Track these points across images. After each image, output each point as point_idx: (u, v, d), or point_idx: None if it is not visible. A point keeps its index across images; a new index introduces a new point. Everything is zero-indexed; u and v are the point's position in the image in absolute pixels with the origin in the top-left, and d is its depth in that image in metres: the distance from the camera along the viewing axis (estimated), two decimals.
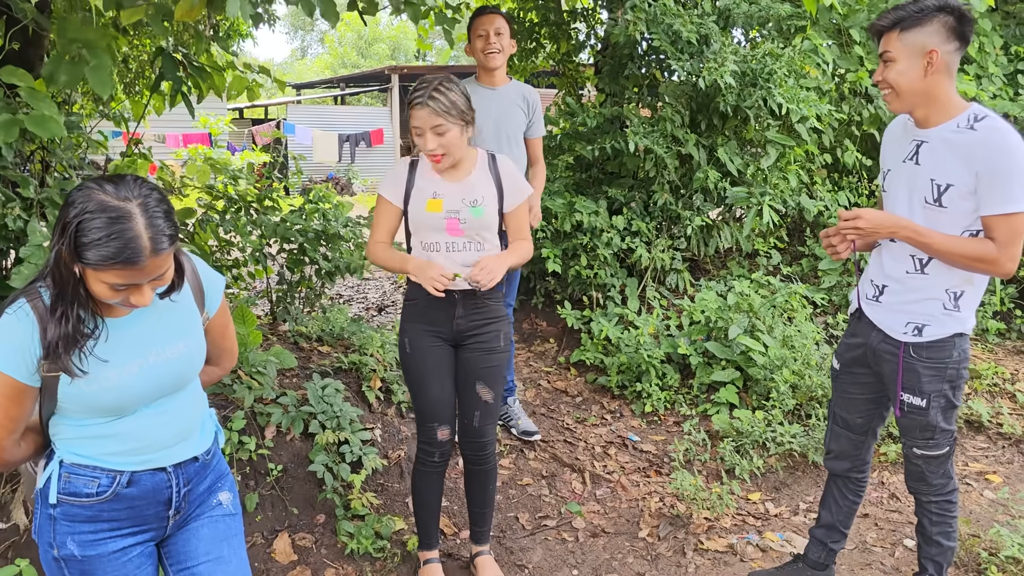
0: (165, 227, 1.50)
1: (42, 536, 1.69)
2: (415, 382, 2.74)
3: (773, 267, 5.74)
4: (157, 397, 1.70)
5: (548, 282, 5.43)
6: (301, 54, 51.38)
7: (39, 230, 2.92)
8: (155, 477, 1.72)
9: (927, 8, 2.25)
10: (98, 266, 1.46)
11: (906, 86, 2.31)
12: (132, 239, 1.45)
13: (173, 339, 1.70)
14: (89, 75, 2.66)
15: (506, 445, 3.95)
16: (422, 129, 2.51)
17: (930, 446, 2.49)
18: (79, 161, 4.05)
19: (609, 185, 5.44)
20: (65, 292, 1.53)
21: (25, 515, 2.86)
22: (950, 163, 2.28)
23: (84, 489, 1.66)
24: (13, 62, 3.01)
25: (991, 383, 4.67)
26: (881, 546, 3.31)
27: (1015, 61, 6.17)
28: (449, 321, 2.71)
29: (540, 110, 3.95)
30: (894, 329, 2.47)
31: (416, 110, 2.50)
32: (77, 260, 1.47)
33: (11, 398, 1.57)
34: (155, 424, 1.70)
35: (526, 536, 3.37)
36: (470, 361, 2.75)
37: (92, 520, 1.67)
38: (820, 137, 5.49)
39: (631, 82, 5.66)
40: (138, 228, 1.46)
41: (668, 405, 4.46)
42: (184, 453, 1.77)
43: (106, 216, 1.44)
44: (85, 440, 1.66)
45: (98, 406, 1.62)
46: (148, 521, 1.73)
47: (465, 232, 2.64)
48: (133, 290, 1.52)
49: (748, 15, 5.22)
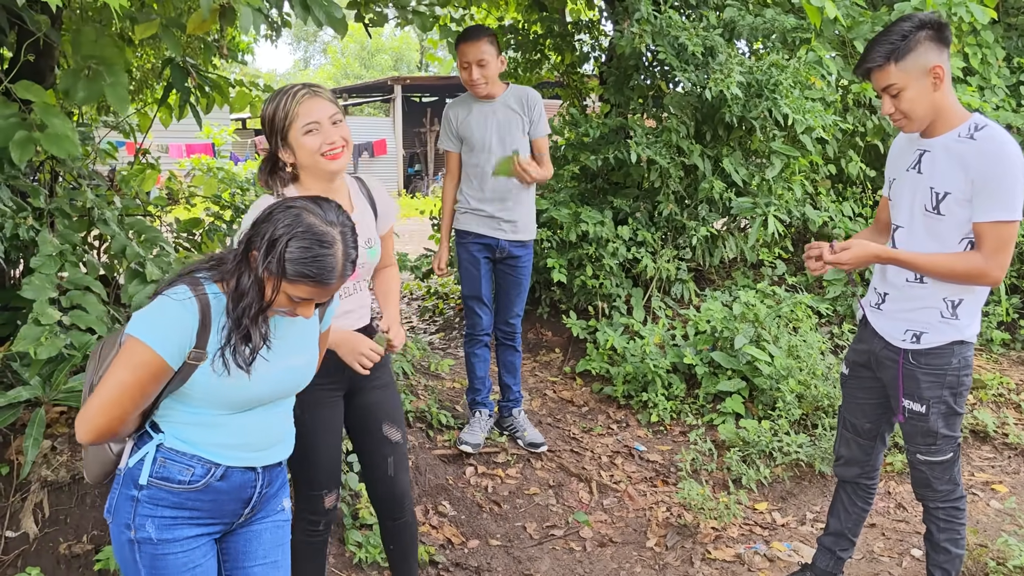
0: (355, 256, 1.68)
1: (119, 516, 1.73)
2: (306, 448, 2.29)
3: (778, 277, 5.75)
4: (272, 400, 1.80)
5: (553, 292, 5.45)
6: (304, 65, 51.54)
7: (50, 240, 2.94)
8: (245, 475, 1.79)
9: (908, 31, 2.29)
10: (295, 281, 1.61)
11: (922, 108, 2.34)
12: (332, 266, 1.62)
13: (299, 351, 1.83)
14: (108, 92, 2.69)
15: (513, 455, 3.96)
16: (318, 123, 2.18)
17: (932, 452, 2.51)
18: (87, 171, 4.08)
19: (614, 195, 5.46)
20: (251, 300, 1.64)
21: (35, 524, 2.87)
22: (949, 171, 2.32)
23: (178, 476, 1.72)
24: (25, 73, 3.04)
25: (996, 393, 4.67)
26: (889, 556, 3.31)
27: (1017, 72, 6.19)
28: (341, 371, 2.35)
29: (540, 108, 3.85)
30: (894, 336, 2.51)
31: (307, 102, 2.18)
32: (278, 274, 1.60)
33: (154, 376, 1.63)
34: (262, 425, 1.80)
35: (534, 545, 3.37)
36: (372, 404, 2.47)
37: (176, 507, 1.73)
38: (824, 148, 5.51)
39: (636, 93, 5.68)
40: (338, 255, 1.63)
41: (674, 415, 4.46)
42: (275, 456, 1.86)
43: (316, 240, 1.60)
44: (195, 427, 1.73)
45: (222, 399, 1.71)
46: (224, 515, 1.80)
47: (359, 274, 2.38)
48: (305, 304, 1.67)
49: (753, 27, 5.24)
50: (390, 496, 2.54)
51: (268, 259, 1.60)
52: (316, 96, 2.19)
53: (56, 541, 2.86)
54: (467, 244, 3.88)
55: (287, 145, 2.21)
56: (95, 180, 4.01)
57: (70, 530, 2.90)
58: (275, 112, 2.19)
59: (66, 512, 2.94)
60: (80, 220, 3.32)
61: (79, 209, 3.33)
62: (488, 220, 3.81)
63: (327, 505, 2.44)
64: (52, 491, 2.97)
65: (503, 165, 3.69)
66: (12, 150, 2.60)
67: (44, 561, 2.80)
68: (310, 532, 2.48)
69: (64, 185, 3.98)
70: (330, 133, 2.19)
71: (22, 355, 3.13)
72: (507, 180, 3.74)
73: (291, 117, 2.17)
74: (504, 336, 4.03)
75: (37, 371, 2.90)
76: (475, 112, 3.79)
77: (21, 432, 3.00)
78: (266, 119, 2.22)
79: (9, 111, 2.69)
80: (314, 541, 2.50)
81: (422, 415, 4.11)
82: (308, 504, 2.45)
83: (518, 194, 3.81)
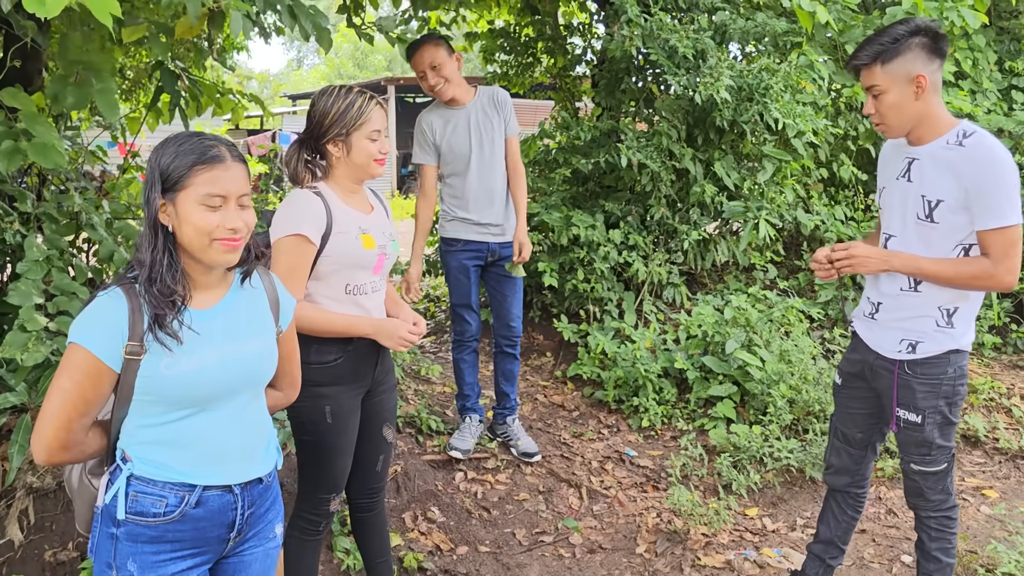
0: (237, 151, 1.66)
1: (100, 556, 1.68)
2: (331, 453, 2.36)
3: (770, 281, 5.75)
4: (232, 394, 1.71)
5: (545, 296, 5.44)
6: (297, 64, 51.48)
7: (36, 245, 2.92)
8: (222, 498, 1.72)
9: (901, 35, 2.29)
10: (185, 176, 1.58)
11: (899, 114, 2.34)
12: (210, 145, 1.61)
13: (250, 336, 1.75)
14: (96, 98, 2.67)
15: (503, 460, 3.95)
16: (380, 132, 2.30)
17: (927, 462, 2.50)
18: (76, 174, 4.05)
19: (606, 199, 5.45)
20: (158, 257, 1.61)
21: (20, 531, 2.85)
22: (940, 179, 2.32)
23: (152, 509, 1.65)
24: (12, 76, 3.02)
25: (987, 398, 4.68)
26: (879, 562, 3.31)
27: (1009, 76, 6.21)
28: (372, 370, 2.42)
29: (510, 106, 3.85)
30: (888, 348, 2.49)
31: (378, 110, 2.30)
32: (168, 191, 1.59)
33: (90, 377, 1.57)
34: (228, 432, 1.72)
35: (523, 552, 3.36)
36: (379, 404, 2.50)
37: (155, 541, 1.66)
38: (816, 151, 5.52)
39: (627, 96, 5.68)
40: (212, 142, 1.62)
41: (665, 420, 4.45)
42: (253, 471, 1.78)
43: (180, 140, 1.61)
44: (161, 447, 1.66)
45: (174, 394, 1.63)
46: (209, 543, 1.73)
47: (383, 269, 2.40)
48: (225, 210, 1.62)
49: (744, 31, 5.25)
50: (371, 491, 2.56)
51: (150, 190, 1.59)
52: (382, 108, 2.32)
53: (41, 548, 2.84)
54: (455, 252, 3.86)
55: (346, 141, 2.28)
56: (83, 184, 3.98)
57: (55, 537, 2.88)
58: (347, 108, 2.26)
59: (52, 519, 2.92)
60: (68, 224, 3.30)
61: (67, 213, 3.31)
62: (475, 226, 3.80)
63: (332, 508, 2.43)
64: (38, 498, 2.94)
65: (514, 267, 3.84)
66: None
67: (29, 568, 2.78)
68: (308, 531, 2.46)
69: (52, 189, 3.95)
70: (384, 144, 2.32)
71: (8, 361, 3.11)
72: (488, 183, 3.77)
73: (364, 119, 2.26)
74: (506, 343, 4.00)
75: (23, 377, 2.87)
76: (451, 121, 3.77)
77: (7, 438, 2.97)
78: (331, 111, 2.27)
79: None
80: (310, 541, 2.48)
81: (412, 420, 4.10)
82: (312, 506, 2.43)
83: (500, 197, 3.82)
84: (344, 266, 2.29)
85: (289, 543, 2.45)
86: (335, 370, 2.32)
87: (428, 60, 3.63)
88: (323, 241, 2.24)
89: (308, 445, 2.37)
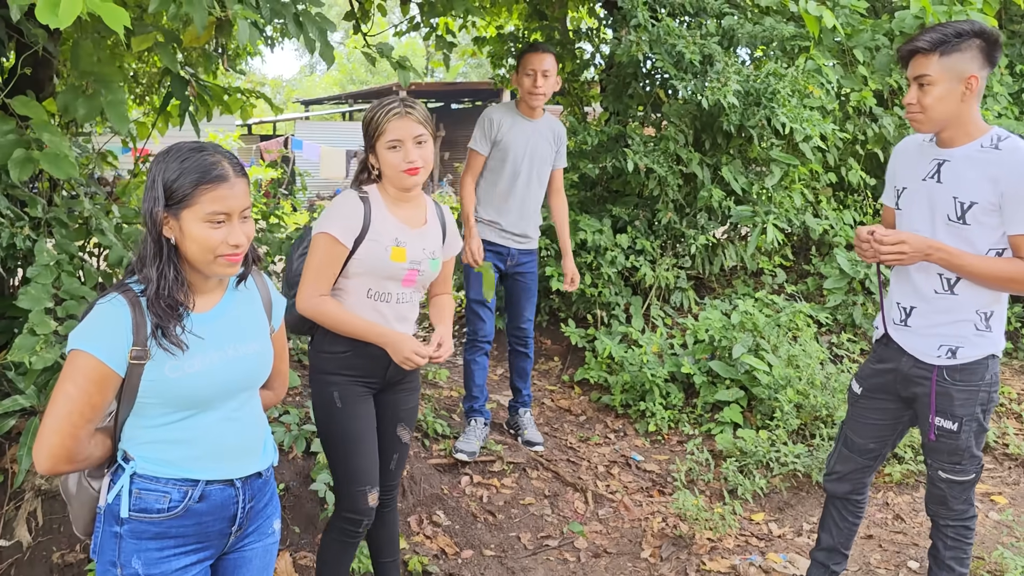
0: (237, 161, 1.67)
1: (104, 555, 1.70)
2: (347, 440, 2.40)
3: (778, 286, 5.74)
4: (232, 394, 1.76)
5: (552, 300, 5.45)
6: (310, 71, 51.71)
7: (47, 250, 2.95)
8: (224, 492, 1.76)
9: (965, 33, 2.27)
10: (191, 194, 1.60)
11: (942, 110, 2.31)
12: (214, 162, 1.62)
13: (249, 338, 1.79)
14: (107, 110, 2.70)
15: (509, 464, 3.95)
16: (401, 141, 2.29)
17: (957, 471, 2.47)
18: (87, 179, 4.09)
19: (613, 203, 5.46)
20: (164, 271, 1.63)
21: (28, 532, 2.88)
22: (974, 181, 2.30)
23: (155, 505, 1.68)
24: (24, 83, 3.06)
25: (997, 403, 4.64)
26: (885, 568, 3.29)
27: (1020, 80, 6.18)
28: (383, 370, 2.45)
29: (565, 142, 4.07)
30: (927, 353, 2.44)
31: (395, 120, 2.29)
32: (172, 206, 1.60)
33: (96, 383, 1.60)
34: (228, 430, 1.76)
35: (528, 556, 3.36)
36: (395, 403, 2.54)
37: (159, 537, 1.69)
38: (824, 156, 5.51)
39: (635, 101, 5.69)
40: (216, 157, 1.63)
41: (672, 424, 4.45)
42: (253, 466, 1.82)
43: (183, 155, 1.62)
44: (163, 445, 1.69)
45: (178, 396, 1.67)
46: (212, 538, 1.77)
47: (417, 283, 2.45)
48: (228, 226, 1.64)
49: (752, 35, 5.25)
50: (384, 487, 2.55)
51: (152, 204, 1.60)
52: (406, 116, 2.31)
53: (49, 550, 2.87)
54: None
55: (375, 153, 2.37)
56: (94, 189, 4.02)
57: (63, 539, 2.91)
58: (368, 122, 2.35)
59: (60, 521, 2.95)
60: (78, 229, 3.34)
61: (77, 218, 3.35)
62: (501, 231, 3.95)
63: (371, 503, 2.41)
64: (46, 500, 2.97)
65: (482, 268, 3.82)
66: (11, 169, 2.60)
67: (37, 570, 2.81)
68: (348, 532, 2.45)
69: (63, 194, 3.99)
70: (410, 152, 2.31)
71: (17, 364, 3.14)
72: (524, 197, 3.92)
73: (380, 131, 2.32)
74: (518, 342, 4.15)
75: (32, 380, 2.91)
76: (517, 126, 3.89)
77: (16, 441, 3.01)
78: (363, 125, 2.39)
79: (7, 127, 2.70)
80: (350, 543, 2.48)
81: (418, 424, 4.11)
82: (350, 503, 2.41)
83: (531, 215, 3.99)
84: (369, 272, 2.37)
85: (331, 546, 2.48)
86: (343, 360, 2.40)
87: (547, 65, 3.78)
88: (356, 244, 2.34)
89: (328, 437, 2.44)
